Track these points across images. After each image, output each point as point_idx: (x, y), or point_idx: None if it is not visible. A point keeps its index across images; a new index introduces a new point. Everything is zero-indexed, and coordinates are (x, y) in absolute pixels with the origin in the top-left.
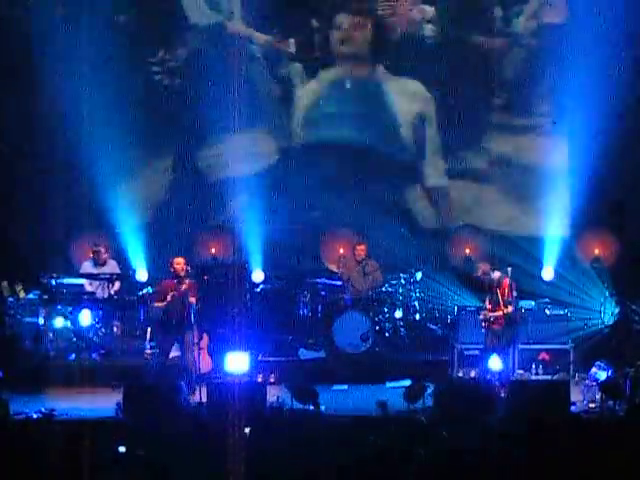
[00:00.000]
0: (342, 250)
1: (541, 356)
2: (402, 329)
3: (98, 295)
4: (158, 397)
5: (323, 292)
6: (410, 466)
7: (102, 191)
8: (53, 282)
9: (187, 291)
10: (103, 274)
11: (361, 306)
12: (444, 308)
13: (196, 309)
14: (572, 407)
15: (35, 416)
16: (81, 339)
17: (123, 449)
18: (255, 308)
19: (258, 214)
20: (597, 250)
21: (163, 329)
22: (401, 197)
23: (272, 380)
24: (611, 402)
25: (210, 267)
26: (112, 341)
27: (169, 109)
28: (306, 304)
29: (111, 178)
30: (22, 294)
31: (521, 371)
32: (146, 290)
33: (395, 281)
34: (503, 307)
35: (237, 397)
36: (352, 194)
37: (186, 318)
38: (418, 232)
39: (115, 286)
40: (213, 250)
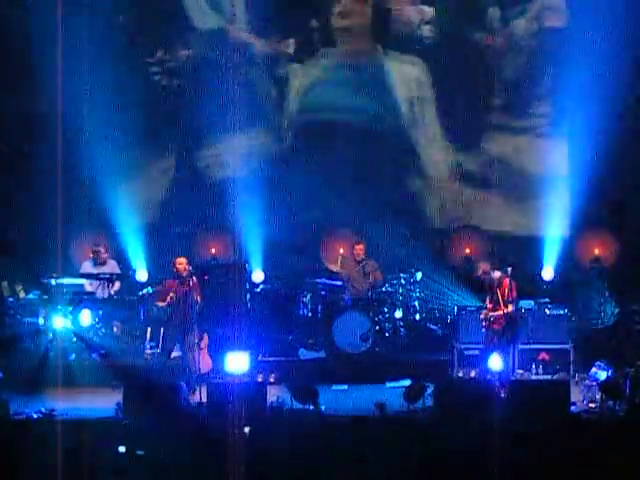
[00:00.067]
0: (342, 250)
1: (541, 356)
2: (402, 329)
3: (98, 295)
4: (158, 397)
5: (323, 292)
6: (410, 466)
7: (102, 191)
8: (53, 282)
9: (192, 290)
10: (103, 274)
11: (361, 306)
12: (444, 308)
13: (200, 308)
14: (572, 407)
15: (35, 416)
16: (81, 339)
17: (123, 449)
18: (255, 308)
19: (258, 214)
20: (597, 250)
21: (165, 329)
22: (401, 193)
23: (272, 380)
24: (611, 402)
25: (210, 267)
26: (112, 341)
27: (168, 109)
28: (306, 304)
29: (111, 178)
30: (22, 294)
31: (521, 371)
32: (146, 290)
33: (395, 281)
34: (503, 307)
35: (237, 397)
36: (352, 194)
37: (189, 318)
38: (418, 232)
39: (115, 286)
40: (213, 250)
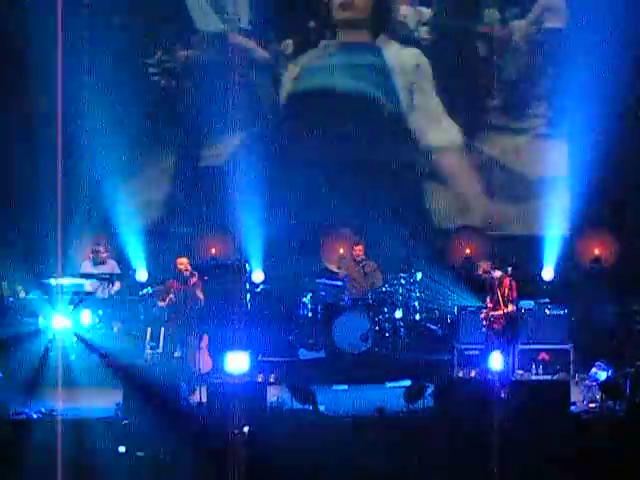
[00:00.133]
0: (342, 250)
1: (541, 356)
2: (402, 329)
3: (98, 295)
4: (158, 397)
5: (323, 292)
6: (410, 466)
7: (102, 191)
8: (53, 282)
9: (194, 289)
10: (103, 274)
11: (361, 306)
12: (444, 308)
13: (202, 305)
14: (572, 407)
15: (35, 416)
16: (81, 339)
17: (123, 449)
18: (255, 308)
19: (258, 214)
20: (597, 250)
21: (166, 329)
22: (400, 191)
23: (272, 380)
24: (611, 402)
25: (210, 267)
26: (112, 341)
27: (167, 110)
28: (306, 304)
29: (111, 178)
30: (22, 294)
31: (521, 371)
32: (146, 290)
33: (395, 281)
34: (504, 306)
35: (237, 397)
36: (352, 194)
37: (189, 318)
38: (418, 232)
39: (115, 286)
40: (213, 250)
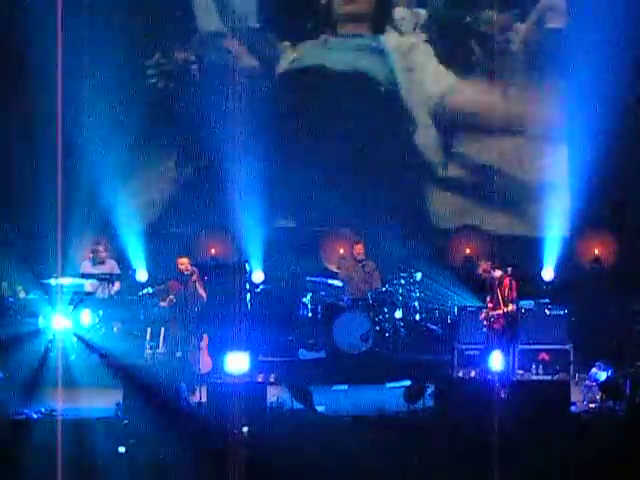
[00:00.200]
0: (342, 250)
1: (541, 356)
2: (402, 329)
3: (98, 295)
4: (158, 397)
5: (323, 292)
6: (410, 466)
7: (102, 191)
8: (53, 282)
9: (195, 288)
10: (103, 274)
11: (361, 306)
12: (444, 308)
13: (204, 304)
14: (572, 407)
15: (35, 416)
16: (81, 339)
17: (123, 449)
18: (255, 308)
19: (258, 214)
20: (597, 250)
21: (167, 329)
22: (400, 191)
23: (272, 380)
24: (611, 402)
25: (210, 267)
26: (112, 341)
27: (166, 111)
28: (306, 304)
29: (111, 178)
30: (22, 294)
31: (521, 371)
32: (146, 290)
33: (395, 281)
34: (504, 306)
35: (237, 397)
36: (352, 194)
37: (190, 318)
38: (418, 232)
39: (115, 286)
40: (213, 250)
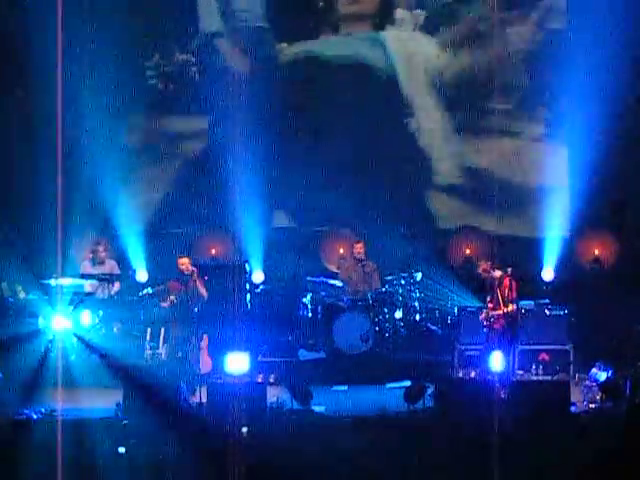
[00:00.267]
0: (342, 250)
1: (541, 356)
2: (402, 329)
3: (98, 296)
4: (158, 397)
5: (323, 292)
6: (410, 466)
7: (102, 191)
8: (53, 283)
9: (195, 288)
10: (103, 274)
11: (361, 307)
12: (444, 308)
13: (205, 302)
14: (572, 408)
15: (35, 416)
16: (81, 340)
17: (123, 449)
18: (255, 309)
19: (258, 214)
20: (597, 250)
21: (169, 329)
22: (401, 191)
23: (272, 381)
24: (611, 402)
25: (210, 267)
26: (112, 341)
27: (166, 112)
28: (306, 305)
29: (111, 178)
30: (22, 294)
31: (521, 372)
32: (146, 290)
33: (395, 281)
34: (504, 306)
35: (237, 397)
36: (352, 194)
37: (191, 318)
38: (418, 232)
39: (115, 287)
40: (213, 251)
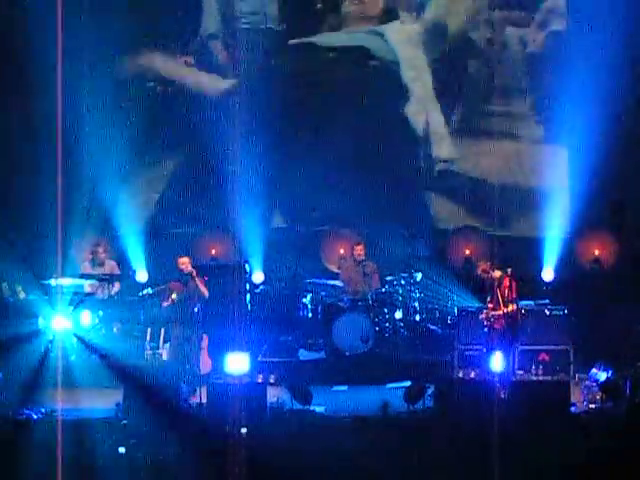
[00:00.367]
0: (342, 250)
1: (541, 357)
2: (402, 330)
3: (98, 296)
4: (158, 397)
5: (323, 293)
6: (410, 466)
7: (102, 191)
8: (53, 283)
9: (196, 287)
10: (103, 275)
11: (361, 307)
12: (444, 309)
13: (206, 301)
14: (572, 408)
15: (35, 416)
16: (81, 340)
17: (123, 449)
18: (255, 309)
19: (258, 214)
20: (597, 251)
21: (169, 329)
22: (401, 191)
23: (272, 381)
24: (611, 402)
25: (210, 268)
26: (112, 342)
27: (166, 113)
28: (306, 305)
29: (111, 179)
30: (22, 295)
31: (521, 372)
32: (146, 291)
33: (395, 282)
34: (503, 306)
35: (237, 398)
36: (352, 194)
37: (191, 318)
38: (418, 232)
39: (115, 287)
40: (213, 251)
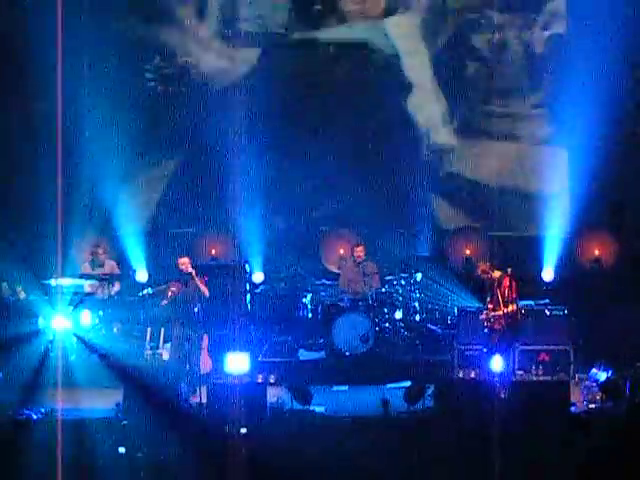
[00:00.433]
0: (342, 251)
1: (541, 357)
2: (402, 330)
3: (98, 296)
4: (158, 397)
5: (323, 293)
6: (410, 466)
7: (102, 192)
8: (53, 283)
9: (196, 284)
10: (103, 275)
11: (361, 307)
12: (444, 309)
13: (207, 300)
14: (572, 408)
15: (35, 416)
16: (81, 340)
17: (123, 450)
18: (255, 309)
19: (258, 215)
20: (597, 251)
21: (169, 329)
22: (401, 191)
23: (272, 381)
24: (611, 402)
25: (210, 268)
26: (112, 342)
27: (165, 113)
28: (306, 305)
29: (111, 179)
30: (22, 295)
31: (521, 372)
32: (146, 291)
33: (395, 282)
34: (503, 307)
35: (237, 398)
36: (352, 193)
37: (191, 318)
38: (418, 232)
39: (115, 287)
40: (213, 251)
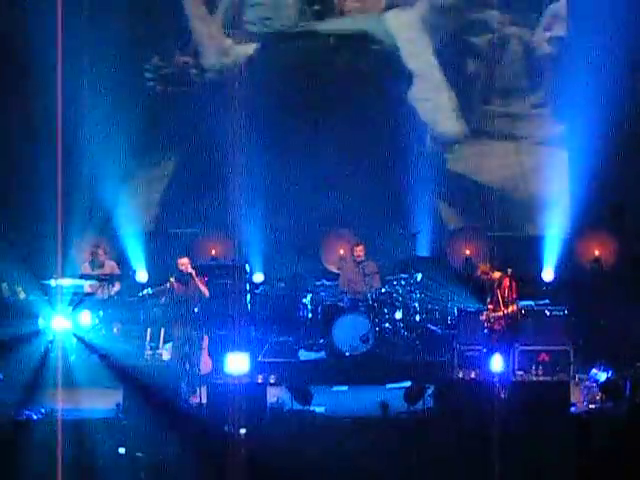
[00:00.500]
0: (342, 251)
1: (541, 357)
2: (402, 330)
3: (98, 296)
4: (158, 398)
5: (323, 293)
6: (410, 466)
7: (102, 192)
8: (53, 283)
9: (195, 284)
10: (103, 275)
11: (361, 307)
12: (444, 309)
13: (207, 300)
14: (572, 408)
15: (35, 416)
16: (81, 340)
17: (123, 450)
18: (255, 309)
19: (258, 215)
20: (597, 251)
21: (170, 329)
22: (401, 191)
23: (272, 381)
24: (611, 403)
25: (210, 268)
26: (112, 342)
27: (165, 113)
28: (306, 305)
29: (111, 179)
30: (22, 295)
31: (521, 372)
32: (146, 291)
33: (395, 282)
34: (503, 307)
35: (237, 398)
36: (352, 194)
37: (191, 318)
38: (418, 232)
39: (115, 287)
40: (213, 251)
